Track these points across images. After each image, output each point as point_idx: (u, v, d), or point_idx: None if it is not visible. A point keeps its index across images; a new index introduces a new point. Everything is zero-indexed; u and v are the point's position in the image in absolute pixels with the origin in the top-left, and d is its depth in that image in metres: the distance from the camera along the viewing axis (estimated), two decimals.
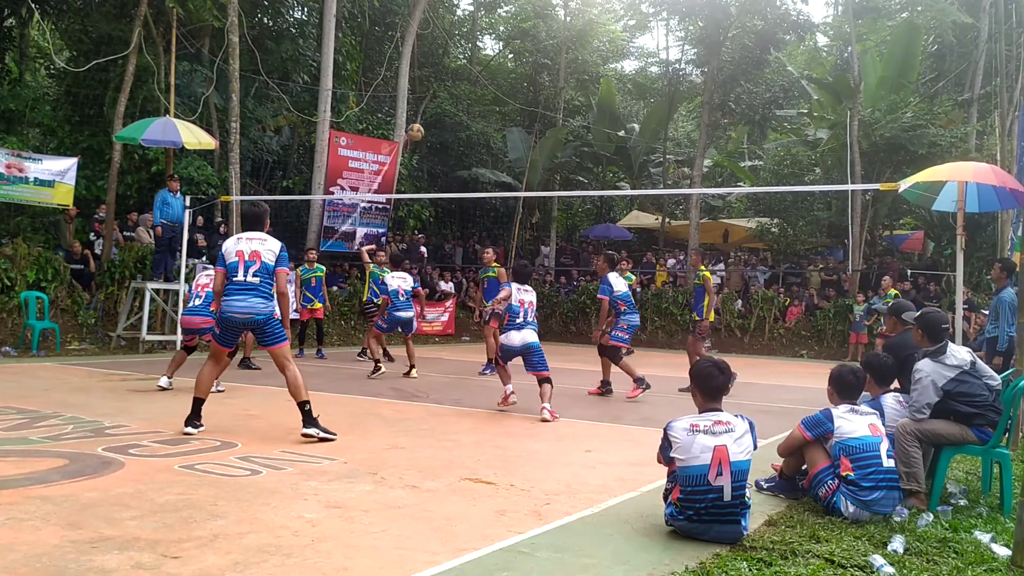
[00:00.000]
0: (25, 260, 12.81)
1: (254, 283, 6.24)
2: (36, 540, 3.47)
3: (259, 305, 6.22)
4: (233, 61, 15.53)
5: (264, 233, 6.47)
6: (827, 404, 4.77)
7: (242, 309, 6.17)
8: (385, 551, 3.54)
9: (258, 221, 6.56)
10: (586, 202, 30.49)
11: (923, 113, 19.01)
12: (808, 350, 18.51)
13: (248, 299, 6.19)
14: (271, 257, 6.31)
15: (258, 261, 6.27)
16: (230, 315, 6.19)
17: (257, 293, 6.23)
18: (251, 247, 6.31)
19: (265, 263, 6.28)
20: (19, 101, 16.18)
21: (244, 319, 6.20)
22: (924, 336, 5.01)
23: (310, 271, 13.35)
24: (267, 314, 6.26)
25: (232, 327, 6.30)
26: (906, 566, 3.59)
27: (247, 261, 6.27)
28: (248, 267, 6.25)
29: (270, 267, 6.30)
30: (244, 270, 6.24)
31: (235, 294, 6.21)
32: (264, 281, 6.27)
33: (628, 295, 9.47)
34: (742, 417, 4.09)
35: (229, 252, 6.32)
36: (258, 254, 6.29)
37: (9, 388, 8.20)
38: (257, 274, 6.25)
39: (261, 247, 6.32)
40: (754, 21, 22.33)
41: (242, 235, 6.48)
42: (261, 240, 6.37)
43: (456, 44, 28.84)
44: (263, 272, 6.27)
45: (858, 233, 19.43)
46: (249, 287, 6.22)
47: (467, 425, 7.13)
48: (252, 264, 6.26)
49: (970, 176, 7.84)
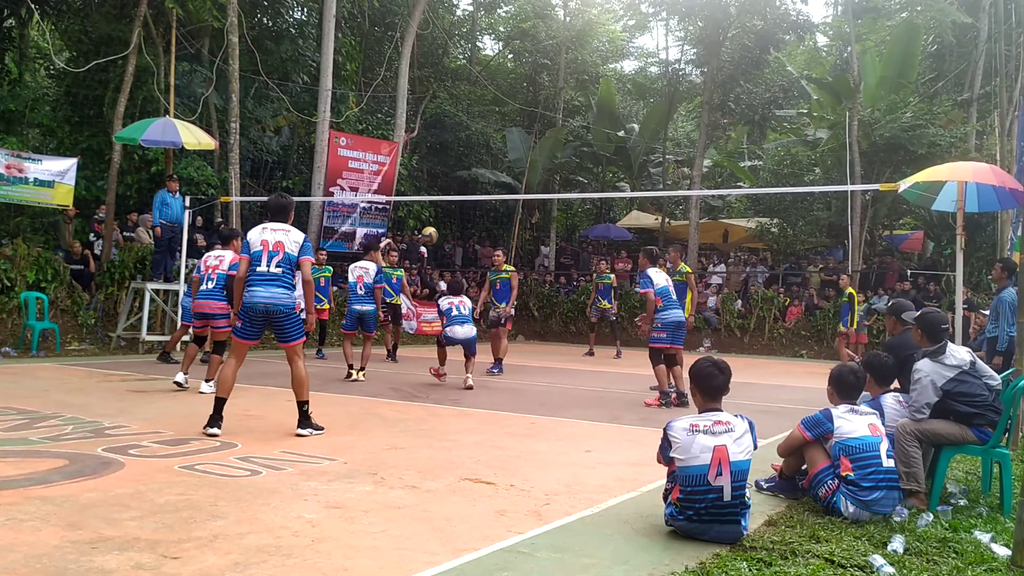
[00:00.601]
0: (25, 260, 12.81)
1: (276, 273, 6.21)
2: (36, 541, 3.47)
3: (281, 296, 6.20)
4: (233, 61, 15.53)
5: (289, 224, 6.44)
6: (827, 404, 4.78)
7: (265, 299, 6.15)
8: (385, 551, 3.54)
9: (283, 212, 6.49)
10: (586, 202, 30.48)
11: (923, 113, 19.01)
12: (808, 350, 18.51)
13: (271, 289, 6.18)
14: (294, 248, 6.28)
15: (281, 251, 6.25)
16: (253, 304, 6.16)
17: (280, 283, 6.22)
18: (275, 237, 6.28)
19: (288, 253, 6.25)
20: (19, 101, 16.18)
21: (267, 309, 6.17)
22: (924, 336, 5.02)
23: (318, 271, 13.28)
24: (289, 306, 6.24)
25: (255, 318, 6.23)
26: (906, 566, 3.59)
27: (271, 251, 6.23)
28: (272, 257, 6.22)
29: (293, 258, 6.27)
30: (268, 260, 6.22)
31: (258, 284, 6.18)
32: (287, 272, 6.26)
33: (667, 289, 8.99)
34: (742, 417, 4.10)
35: (254, 241, 6.30)
36: (282, 244, 6.26)
37: (9, 389, 8.20)
38: (280, 264, 6.23)
39: (285, 237, 6.29)
40: (754, 21, 22.33)
41: (267, 225, 6.42)
42: (285, 231, 6.34)
43: (456, 44, 28.85)
44: (286, 263, 6.25)
45: (858, 233, 19.43)
46: (272, 277, 6.20)
47: (467, 425, 7.13)
48: (276, 254, 6.24)
49: (970, 176, 7.85)
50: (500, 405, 8.48)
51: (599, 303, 16.09)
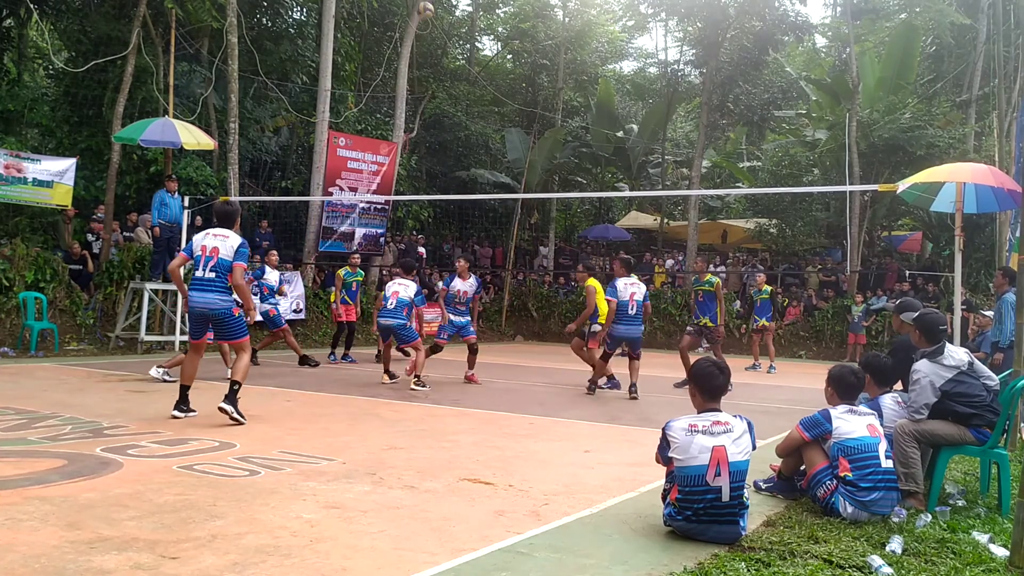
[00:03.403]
0: (24, 260, 12.79)
1: (210, 278, 6.68)
2: (35, 541, 3.47)
3: (213, 299, 6.67)
4: (232, 62, 15.52)
5: (229, 230, 6.83)
6: (825, 404, 4.78)
7: (199, 302, 6.68)
8: (383, 551, 3.54)
9: (227, 219, 6.95)
10: (584, 202, 30.47)
11: (921, 114, 19.02)
12: (806, 351, 18.52)
13: (205, 294, 6.67)
14: (229, 253, 6.69)
15: (215, 257, 6.69)
16: (192, 307, 6.75)
17: (213, 288, 6.67)
18: (212, 243, 6.73)
19: (222, 259, 6.67)
20: (18, 101, 16.15)
21: (201, 312, 6.70)
22: (922, 337, 5.02)
23: (352, 275, 13.23)
24: (223, 308, 6.70)
25: (194, 319, 6.81)
26: (904, 566, 3.59)
27: (207, 256, 6.70)
28: (207, 263, 6.69)
29: (227, 263, 6.68)
30: (203, 265, 6.69)
31: (194, 289, 6.71)
32: (220, 276, 6.69)
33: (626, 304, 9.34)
34: (741, 417, 4.10)
35: (196, 245, 6.80)
36: (217, 250, 6.70)
37: (8, 389, 8.19)
38: (213, 269, 6.67)
39: (221, 244, 6.72)
40: (752, 22, 22.33)
41: (210, 231, 6.86)
42: (223, 237, 6.75)
43: (455, 45, 28.83)
44: (219, 268, 6.67)
45: (856, 234, 19.43)
46: (206, 282, 6.68)
47: (466, 426, 7.13)
48: (210, 260, 6.69)
49: (968, 177, 7.85)
50: (499, 405, 8.49)
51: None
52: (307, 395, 8.66)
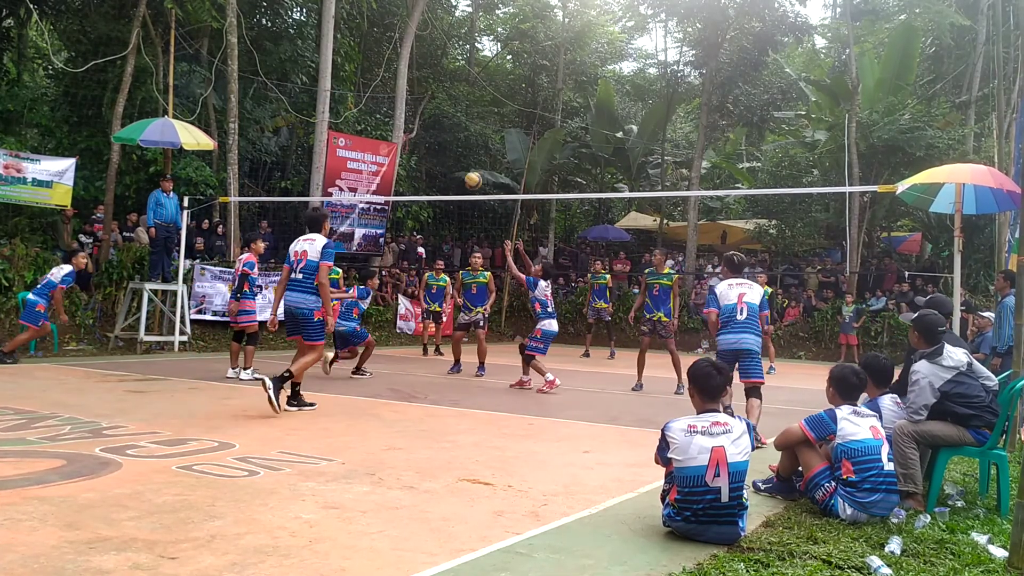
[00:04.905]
0: (23, 261, 12.80)
1: (299, 279, 7.24)
2: (34, 541, 3.47)
3: (299, 299, 7.22)
4: (231, 62, 15.53)
5: (317, 234, 7.38)
6: (825, 405, 4.76)
7: (288, 301, 7.28)
8: (383, 552, 3.54)
9: (315, 223, 7.54)
10: (584, 203, 30.48)
11: (921, 115, 19.02)
12: (806, 351, 18.53)
13: (294, 294, 7.25)
14: (316, 254, 7.23)
15: (304, 259, 7.24)
16: (284, 306, 7.35)
17: (301, 288, 7.22)
18: (302, 247, 7.31)
19: (310, 261, 7.22)
20: (17, 102, 16.15)
21: (288, 309, 7.30)
22: (920, 338, 5.02)
23: (435, 279, 13.34)
24: (306, 308, 7.20)
25: (286, 317, 7.42)
26: (903, 567, 3.60)
27: (297, 259, 7.29)
28: (297, 264, 7.26)
29: (314, 264, 7.21)
30: (296, 268, 7.26)
31: (288, 289, 7.32)
32: (307, 277, 7.21)
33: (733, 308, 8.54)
34: (740, 418, 4.10)
35: (290, 252, 7.39)
36: (305, 253, 7.25)
37: (7, 388, 8.19)
38: (303, 271, 7.23)
39: (310, 247, 7.27)
40: (752, 23, 22.35)
41: (301, 237, 7.46)
42: (311, 240, 7.31)
43: (454, 45, 28.84)
44: (307, 269, 7.22)
45: (856, 235, 19.44)
46: (296, 283, 7.25)
47: (465, 426, 7.13)
48: (300, 262, 7.26)
49: (967, 178, 7.86)
50: (498, 406, 8.49)
51: (594, 303, 16.08)
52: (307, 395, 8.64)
